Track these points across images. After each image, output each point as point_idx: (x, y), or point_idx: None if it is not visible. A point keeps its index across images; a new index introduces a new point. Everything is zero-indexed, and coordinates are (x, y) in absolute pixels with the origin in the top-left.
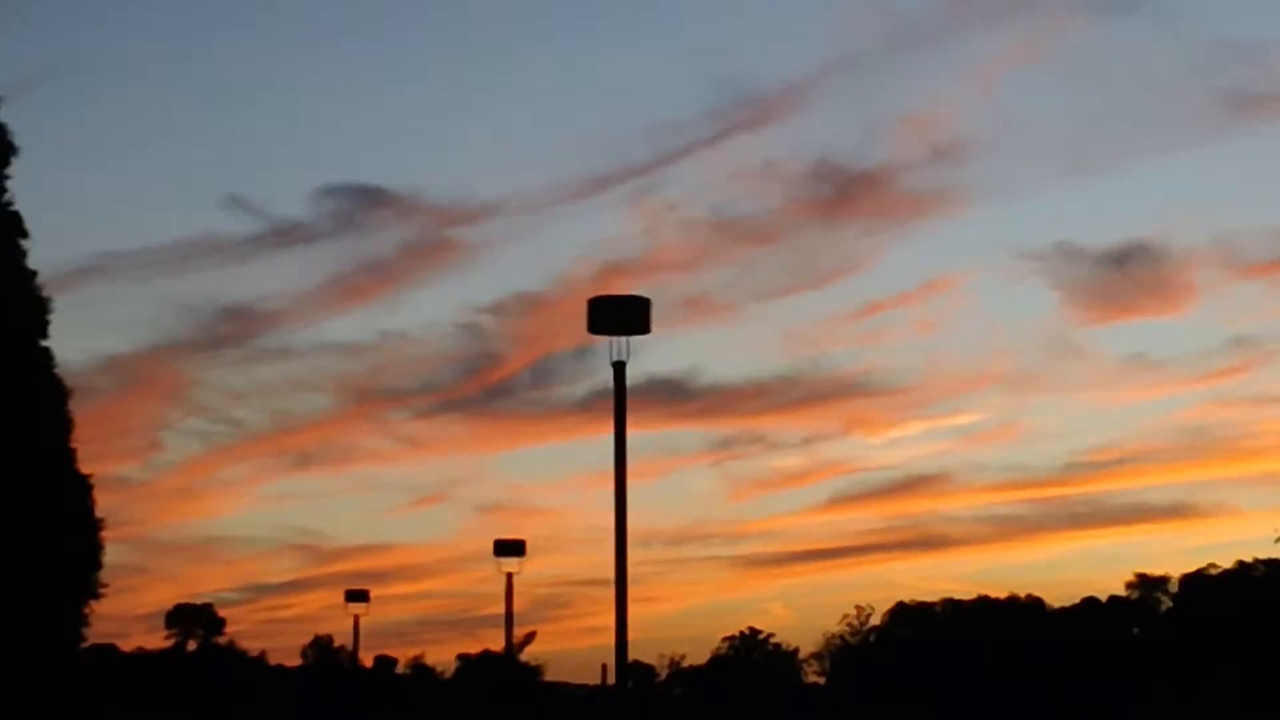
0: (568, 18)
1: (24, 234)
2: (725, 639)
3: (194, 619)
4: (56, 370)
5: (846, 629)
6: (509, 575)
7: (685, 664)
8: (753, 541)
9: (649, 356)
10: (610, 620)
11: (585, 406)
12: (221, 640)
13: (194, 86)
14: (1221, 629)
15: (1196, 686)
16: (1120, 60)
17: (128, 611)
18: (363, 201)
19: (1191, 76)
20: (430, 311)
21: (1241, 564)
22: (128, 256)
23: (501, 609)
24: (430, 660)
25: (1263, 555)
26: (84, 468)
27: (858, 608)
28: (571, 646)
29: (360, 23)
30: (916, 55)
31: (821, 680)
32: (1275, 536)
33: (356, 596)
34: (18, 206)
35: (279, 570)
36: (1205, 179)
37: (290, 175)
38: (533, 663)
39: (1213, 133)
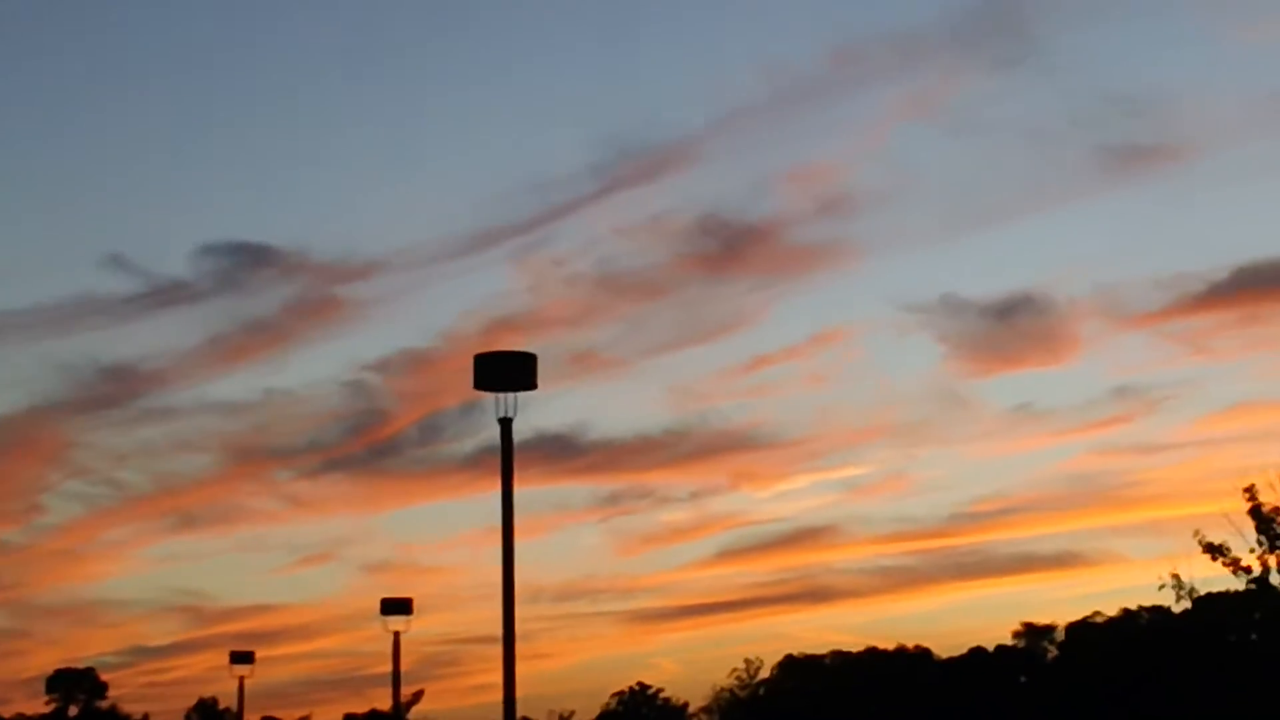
0: (454, 74)
1: None
2: (615, 694)
3: (76, 683)
4: None
5: (736, 682)
6: (396, 634)
7: None
8: (641, 596)
9: (536, 412)
10: (499, 677)
11: (473, 463)
12: (104, 704)
13: (73, 143)
14: (1108, 677)
15: None
16: (1007, 114)
17: (9, 677)
18: (246, 259)
19: (1076, 130)
20: (315, 370)
21: (1126, 611)
22: (6, 316)
23: (389, 668)
24: None
25: (1148, 603)
26: None
27: (747, 661)
28: (460, 705)
29: (243, 78)
30: (804, 109)
31: None
32: (1160, 584)
33: (241, 658)
34: None
35: (162, 632)
36: (1089, 231)
37: (171, 233)
38: None
39: (1097, 185)
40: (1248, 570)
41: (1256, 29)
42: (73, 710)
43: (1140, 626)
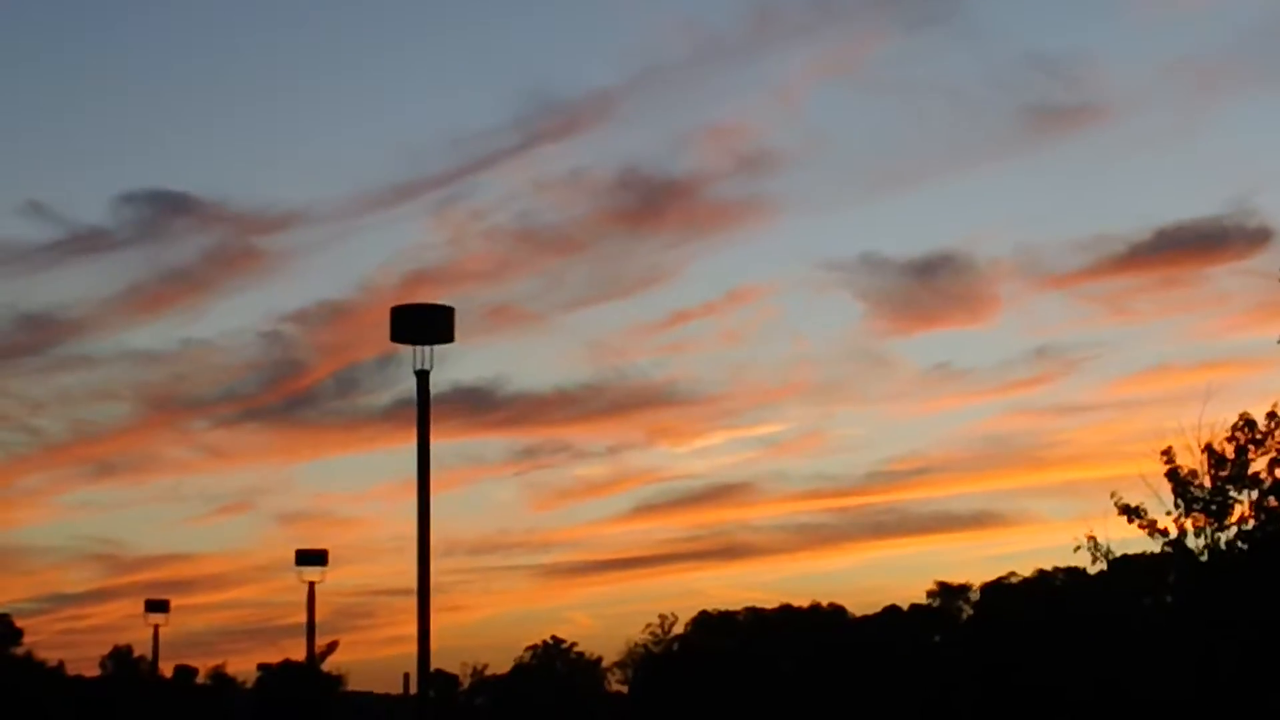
0: (375, 25)
1: None
2: (528, 648)
3: None
4: None
5: (650, 638)
6: (311, 585)
7: (488, 673)
8: (557, 551)
9: (454, 366)
10: (413, 629)
11: (389, 416)
12: (19, 651)
13: None
14: (1022, 637)
15: (996, 694)
16: (927, 74)
17: None
18: (165, 208)
19: (997, 90)
20: (233, 320)
21: (1042, 572)
22: None
23: (304, 619)
24: (231, 670)
25: (1063, 564)
26: None
27: (661, 616)
28: (374, 656)
29: (165, 26)
30: (724, 66)
31: (624, 689)
32: (1076, 545)
33: (156, 606)
34: None
35: (78, 580)
36: (1010, 192)
37: (91, 181)
38: (335, 672)
39: (1017, 146)
40: (1164, 533)
41: None
42: None
43: (1055, 587)
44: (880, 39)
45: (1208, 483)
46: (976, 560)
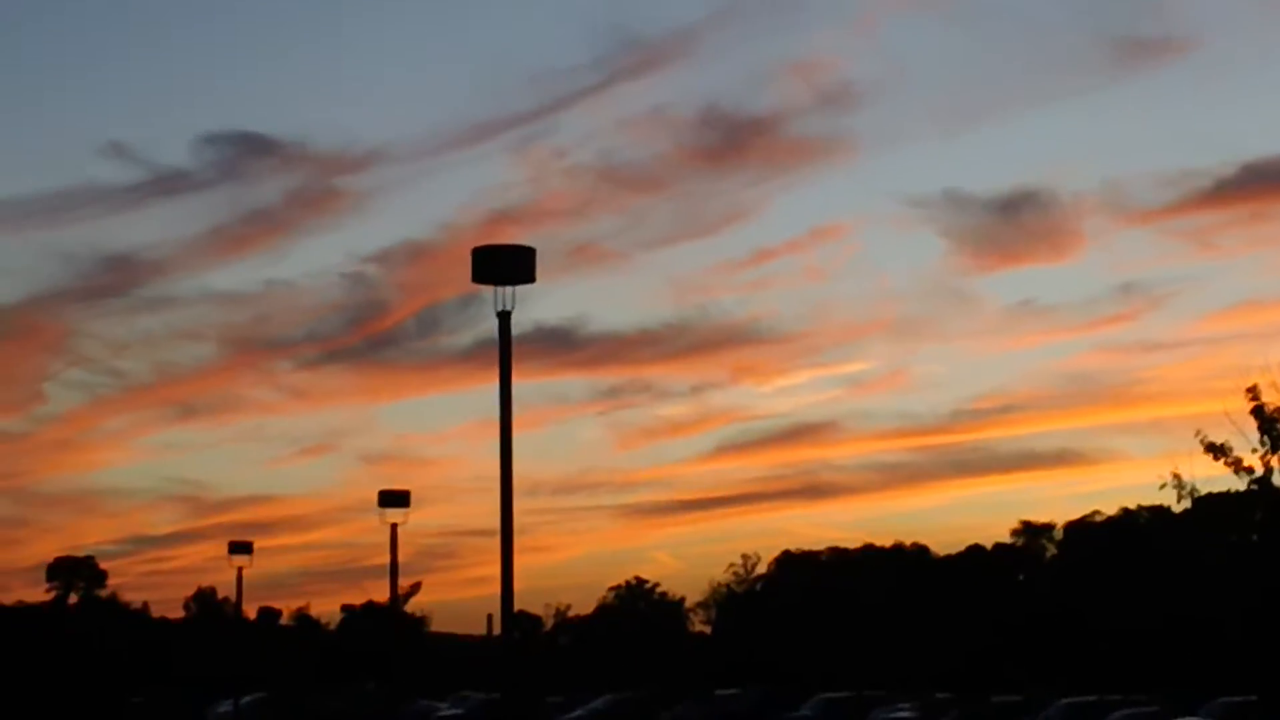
0: None
1: None
2: (611, 588)
3: (75, 571)
4: None
5: (733, 578)
6: (394, 526)
7: (571, 614)
8: (640, 490)
9: (536, 305)
10: (496, 570)
11: (471, 356)
12: (103, 593)
13: (72, 30)
14: (1107, 576)
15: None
16: (1008, 4)
17: (9, 565)
18: (246, 149)
19: (1080, 20)
20: (315, 261)
21: (1126, 511)
22: (5, 205)
23: (387, 560)
24: (315, 612)
25: (1148, 502)
26: None
27: (744, 556)
28: (457, 597)
29: None
30: (803, 1)
31: (707, 629)
32: (1160, 483)
33: (240, 548)
34: None
35: (162, 522)
36: (1094, 125)
37: (172, 122)
38: (418, 613)
39: (1102, 78)
40: (1249, 470)
41: None
42: (72, 599)
43: (1140, 525)
44: None
45: None
46: (1061, 499)
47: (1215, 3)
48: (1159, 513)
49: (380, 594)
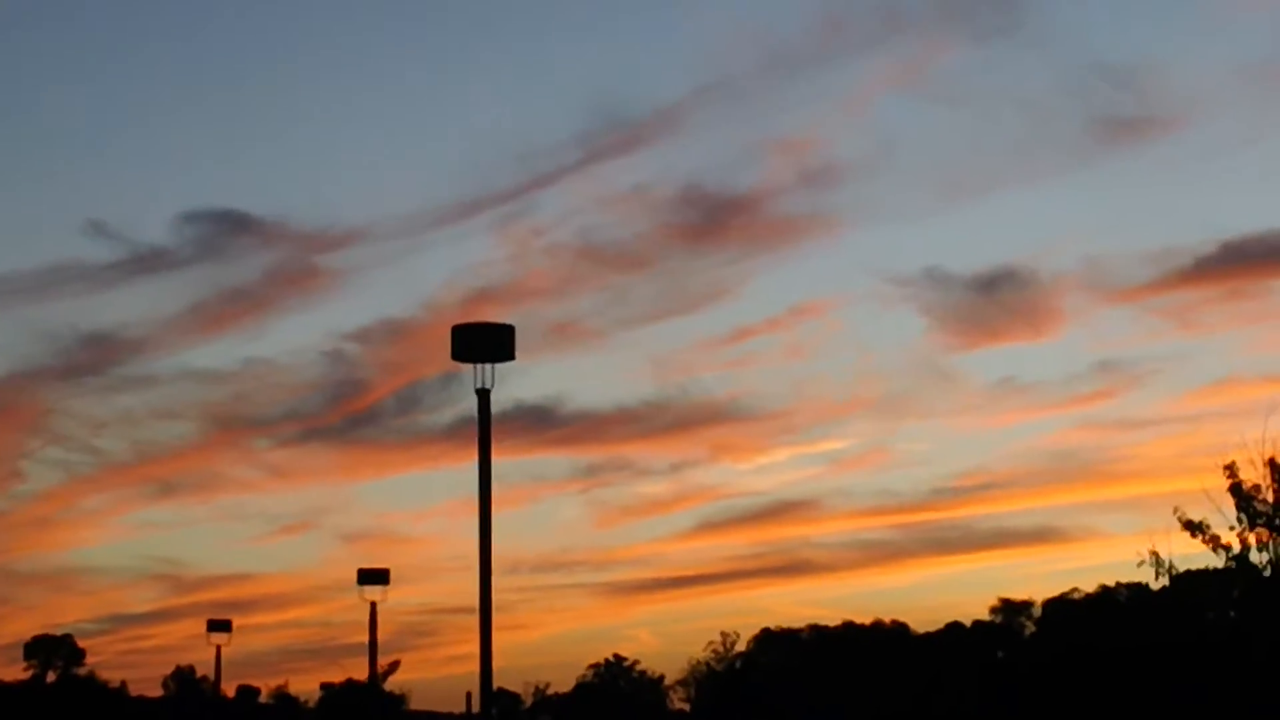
0: (436, 42)
1: None
2: (591, 666)
3: (53, 649)
4: None
5: (712, 655)
6: (373, 604)
7: (550, 692)
8: (619, 568)
9: (515, 383)
10: (475, 648)
11: (451, 434)
12: (81, 671)
13: (53, 109)
14: (1085, 653)
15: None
16: (995, 85)
17: None
18: (226, 227)
19: (1064, 101)
20: (295, 339)
21: (1105, 588)
22: None
23: (366, 638)
24: (293, 690)
25: (1126, 579)
26: None
27: (723, 634)
28: (436, 675)
29: (225, 44)
30: (789, 79)
31: (687, 707)
32: (1139, 561)
33: (219, 626)
34: None
35: (140, 600)
36: (1076, 204)
37: (152, 201)
38: (397, 691)
39: (1085, 157)
40: (1227, 548)
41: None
42: (50, 677)
43: (1119, 603)
44: (948, 49)
45: (1271, 497)
46: (1039, 576)
47: (1197, 83)
48: (1138, 590)
49: (359, 672)
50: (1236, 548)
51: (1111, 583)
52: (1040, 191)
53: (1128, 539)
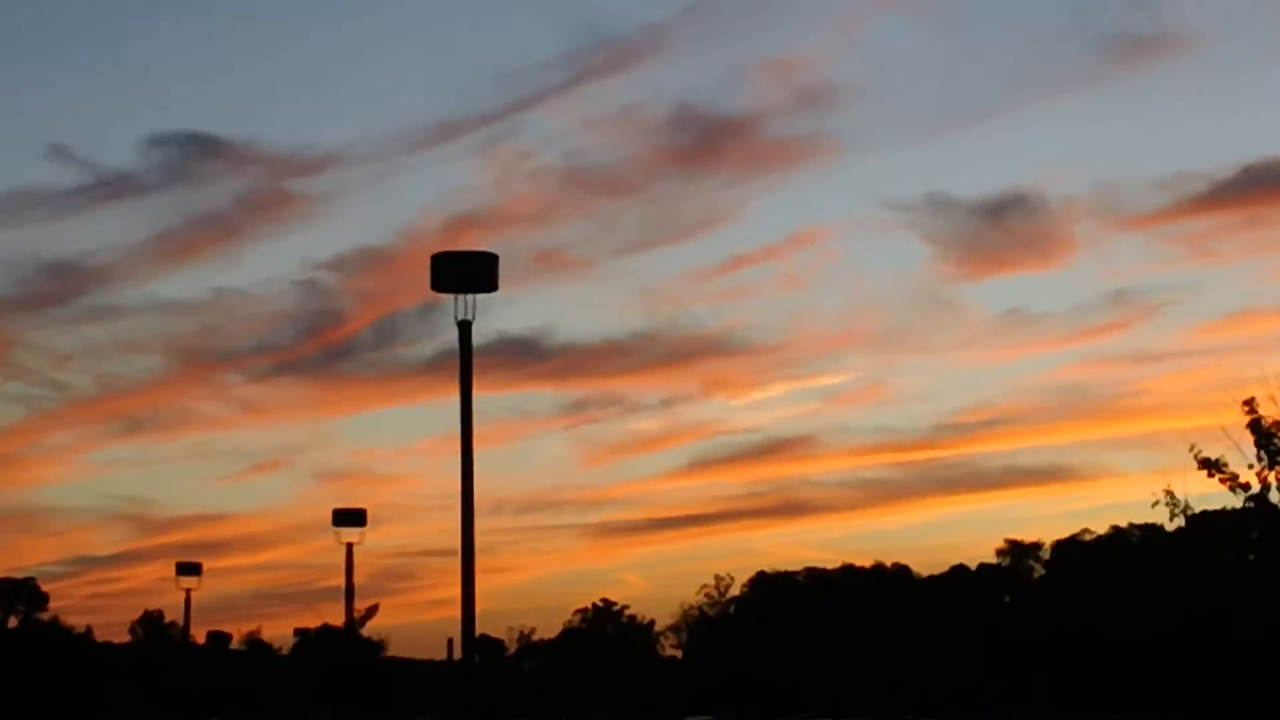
0: None
1: None
2: (577, 611)
3: (15, 594)
4: None
5: (705, 600)
6: (349, 546)
7: (535, 638)
8: (608, 509)
9: (499, 315)
10: (457, 592)
11: (431, 368)
12: (45, 616)
13: (12, 29)
14: (1097, 597)
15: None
16: (996, 2)
17: None
18: (195, 151)
19: (1072, 18)
20: (267, 268)
21: (1117, 529)
22: None
23: (342, 581)
24: (266, 636)
25: (1140, 520)
26: None
27: (717, 577)
28: (416, 620)
29: None
30: None
31: (678, 654)
32: (1153, 501)
33: (188, 569)
34: None
35: (106, 542)
36: (1087, 126)
37: (117, 123)
38: (375, 637)
39: (1095, 78)
40: (1245, 487)
41: None
42: (12, 622)
43: (1131, 544)
44: None
45: None
46: (1049, 517)
47: (1215, 1)
48: (1151, 531)
49: (336, 617)
50: (1255, 487)
51: (1124, 524)
52: (1047, 113)
53: (1141, 478)
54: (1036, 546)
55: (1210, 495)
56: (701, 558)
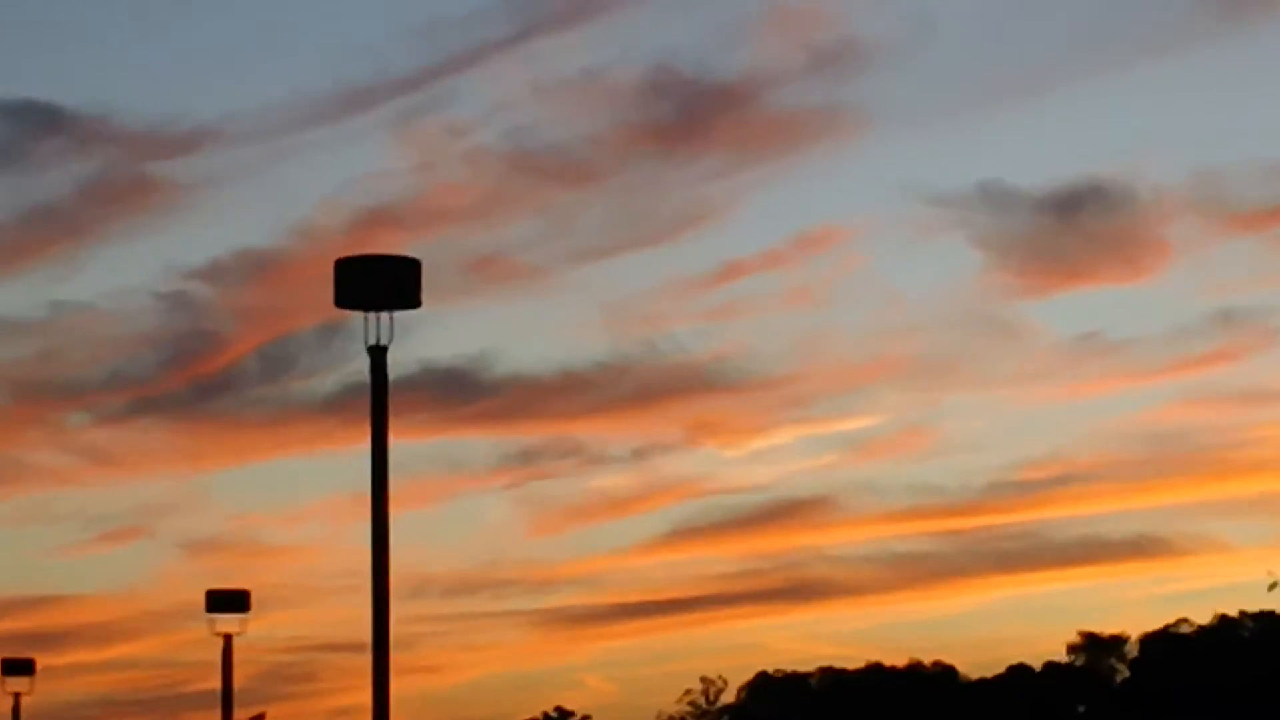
0: None
1: None
2: None
3: None
4: None
5: (689, 709)
6: (227, 637)
7: None
8: (563, 591)
9: (423, 338)
10: (367, 698)
11: (335, 407)
12: None
13: None
14: (1196, 705)
15: None
16: None
17: None
18: (28, 126)
19: None
20: (122, 276)
21: (1224, 619)
22: None
23: (218, 684)
24: None
25: (1252, 607)
26: None
27: (705, 680)
28: None
29: None
30: None
31: None
32: (1271, 581)
33: (17, 668)
34: None
35: None
36: (1183, 99)
37: None
38: None
39: (1192, 41)
40: None
41: None
42: None
43: (1241, 638)
44: None
45: None
46: (1135, 602)
47: None
48: (1269, 621)
49: None
50: None
51: (1233, 611)
52: (1131, 85)
53: (1255, 552)
54: (1120, 641)
55: None
56: (685, 655)
